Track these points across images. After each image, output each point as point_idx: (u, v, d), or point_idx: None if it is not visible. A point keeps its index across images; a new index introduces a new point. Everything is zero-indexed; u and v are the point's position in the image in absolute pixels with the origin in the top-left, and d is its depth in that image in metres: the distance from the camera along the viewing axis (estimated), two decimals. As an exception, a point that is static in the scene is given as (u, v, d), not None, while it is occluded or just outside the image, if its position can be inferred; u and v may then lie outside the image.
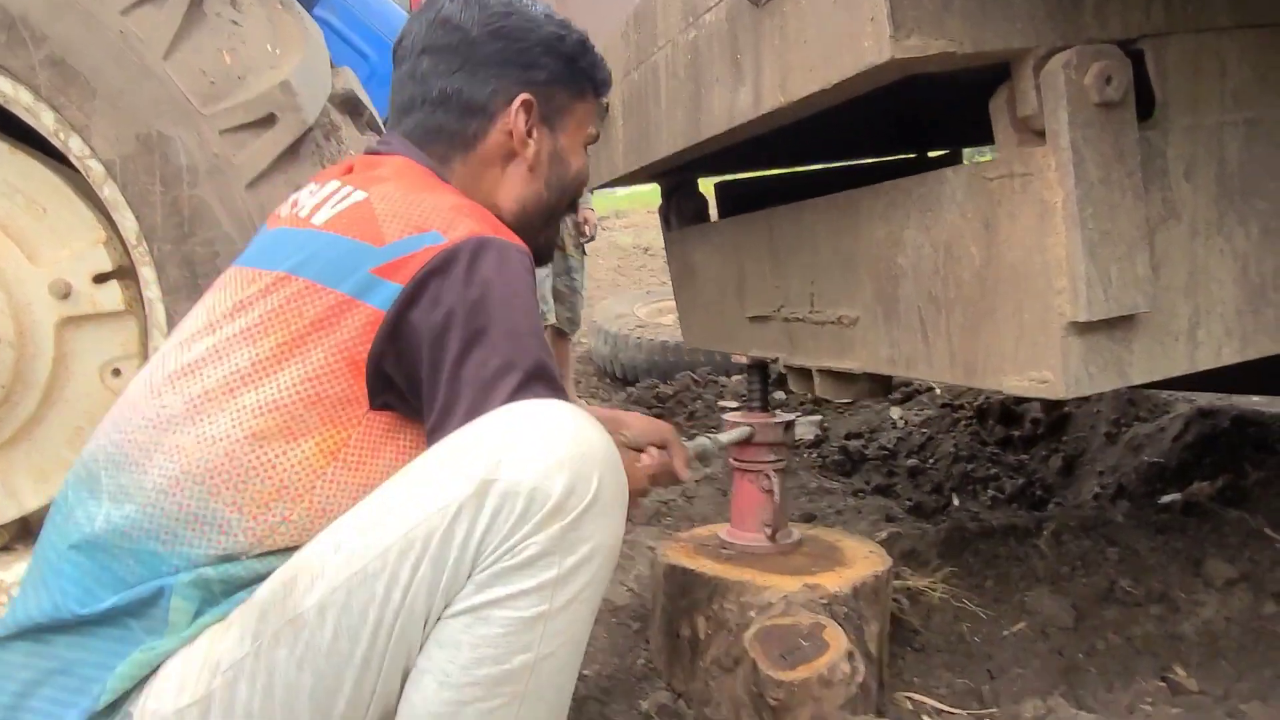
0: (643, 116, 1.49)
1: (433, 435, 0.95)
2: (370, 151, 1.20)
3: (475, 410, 0.93)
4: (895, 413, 3.03)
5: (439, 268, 0.95)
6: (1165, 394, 2.76)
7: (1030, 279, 0.95)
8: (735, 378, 4.18)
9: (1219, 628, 1.71)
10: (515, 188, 1.20)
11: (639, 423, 1.46)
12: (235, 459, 0.93)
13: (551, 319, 4.37)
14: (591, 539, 0.89)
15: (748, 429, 1.75)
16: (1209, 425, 2.30)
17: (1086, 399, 2.67)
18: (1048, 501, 2.44)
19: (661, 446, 1.46)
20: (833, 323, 1.34)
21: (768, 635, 1.39)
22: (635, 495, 1.41)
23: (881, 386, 1.42)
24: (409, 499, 0.89)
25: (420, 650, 0.90)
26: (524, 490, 0.87)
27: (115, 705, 0.90)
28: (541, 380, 0.98)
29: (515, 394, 0.94)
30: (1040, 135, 0.92)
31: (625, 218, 16.98)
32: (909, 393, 3.21)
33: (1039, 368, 0.95)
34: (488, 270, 0.96)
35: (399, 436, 0.99)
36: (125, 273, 1.57)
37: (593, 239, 4.66)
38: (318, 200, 1.07)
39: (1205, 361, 0.98)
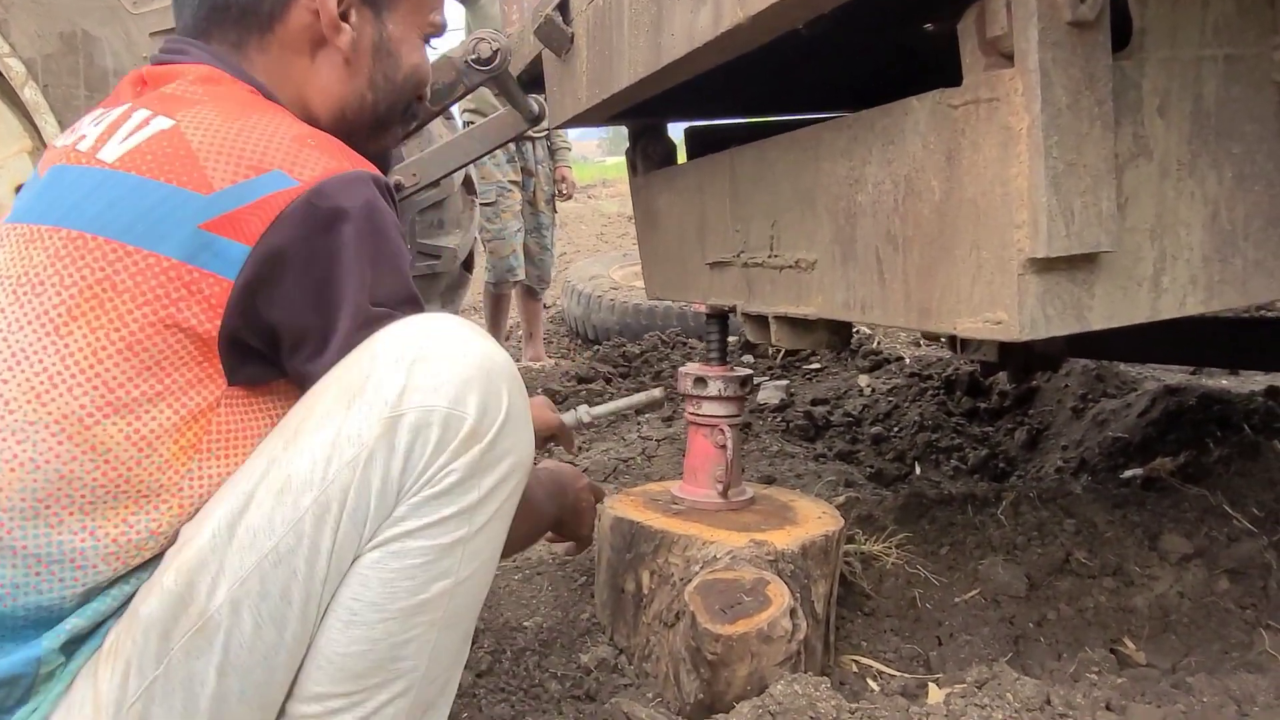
0: (605, 45, 1.42)
1: (306, 377, 0.85)
2: (157, 61, 0.95)
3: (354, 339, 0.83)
4: (863, 381, 3.00)
5: (293, 219, 0.80)
6: (1134, 371, 2.74)
7: (990, 213, 0.89)
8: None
9: (1171, 602, 1.69)
10: (330, 86, 0.99)
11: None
12: (73, 479, 0.78)
13: (521, 276, 4.29)
14: (509, 455, 0.84)
15: (627, 401, 1.72)
16: (1175, 402, 2.28)
17: (1055, 373, 2.64)
18: (1010, 474, 2.42)
19: (552, 439, 1.46)
20: (791, 266, 1.28)
21: (709, 588, 1.35)
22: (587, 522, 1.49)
23: (840, 337, 1.36)
24: (306, 457, 0.79)
25: None
26: (437, 418, 0.80)
27: None
28: (411, 304, 0.87)
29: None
30: (1009, 59, 0.86)
31: (611, 186, 16.90)
32: (877, 361, 3.18)
33: (994, 309, 0.90)
34: (353, 218, 0.82)
35: (266, 405, 0.87)
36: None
37: (570, 198, 4.57)
38: (103, 128, 0.86)
39: (1168, 310, 0.93)
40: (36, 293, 0.80)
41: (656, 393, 1.64)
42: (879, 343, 3.66)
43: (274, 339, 0.84)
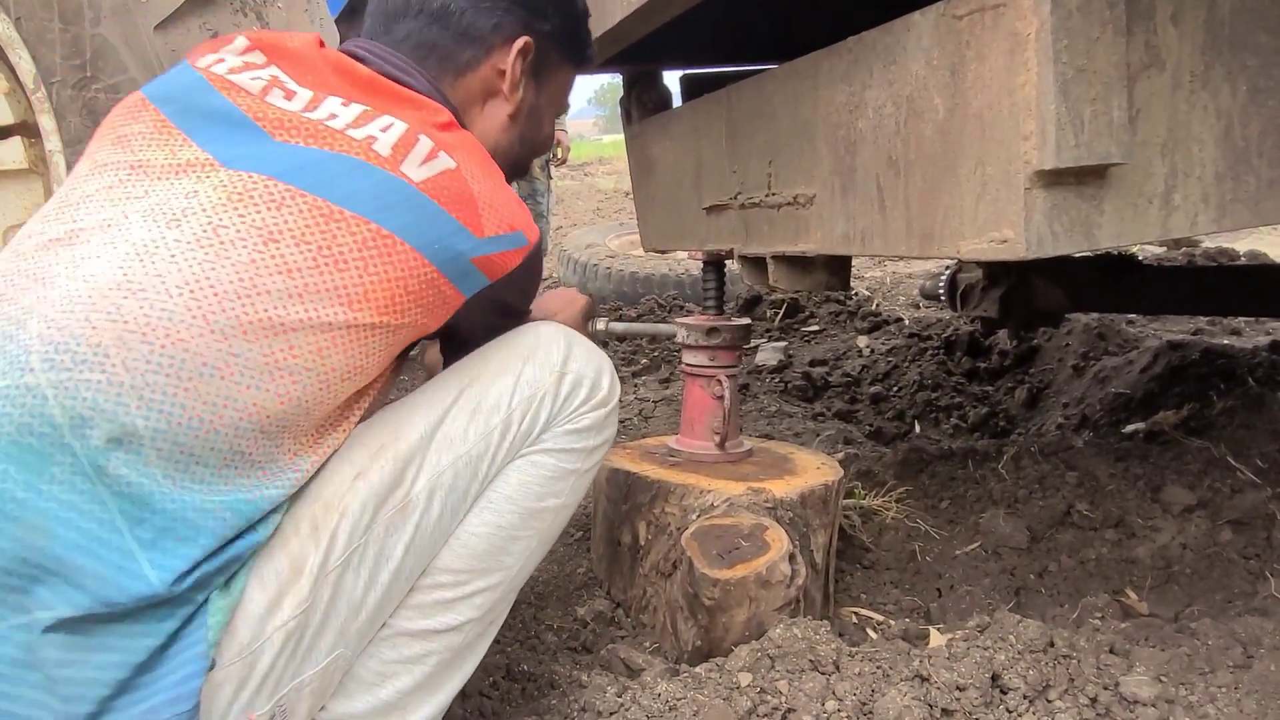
0: (598, -21, 1.37)
1: (455, 348, 1.08)
2: (349, 53, 1.09)
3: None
4: (861, 342, 2.97)
5: (519, 269, 1.02)
6: (1135, 329, 2.71)
7: (996, 126, 0.86)
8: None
9: (1173, 553, 1.67)
10: (492, 132, 1.18)
11: (560, 295, 1.54)
12: (310, 415, 0.90)
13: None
14: (612, 425, 1.12)
15: (645, 327, 1.73)
16: (1178, 357, 2.25)
17: (1055, 331, 2.61)
18: (1011, 431, 2.40)
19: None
20: (789, 203, 1.25)
21: (706, 534, 1.33)
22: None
23: (839, 277, 1.33)
24: (497, 390, 1.02)
25: None
26: (587, 380, 1.08)
27: None
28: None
29: None
30: (1016, -37, 0.82)
31: (608, 164, 16.80)
32: (876, 322, 3.14)
33: (1000, 227, 0.87)
34: (537, 264, 1.07)
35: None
36: (31, 130, 1.43)
37: (564, 161, 4.52)
38: (394, 138, 0.96)
39: (1179, 229, 0.90)
40: (339, 268, 0.90)
41: (674, 328, 1.64)
42: (878, 304, 3.62)
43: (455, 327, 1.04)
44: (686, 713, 1.04)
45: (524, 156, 1.25)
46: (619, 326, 1.71)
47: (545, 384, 1.05)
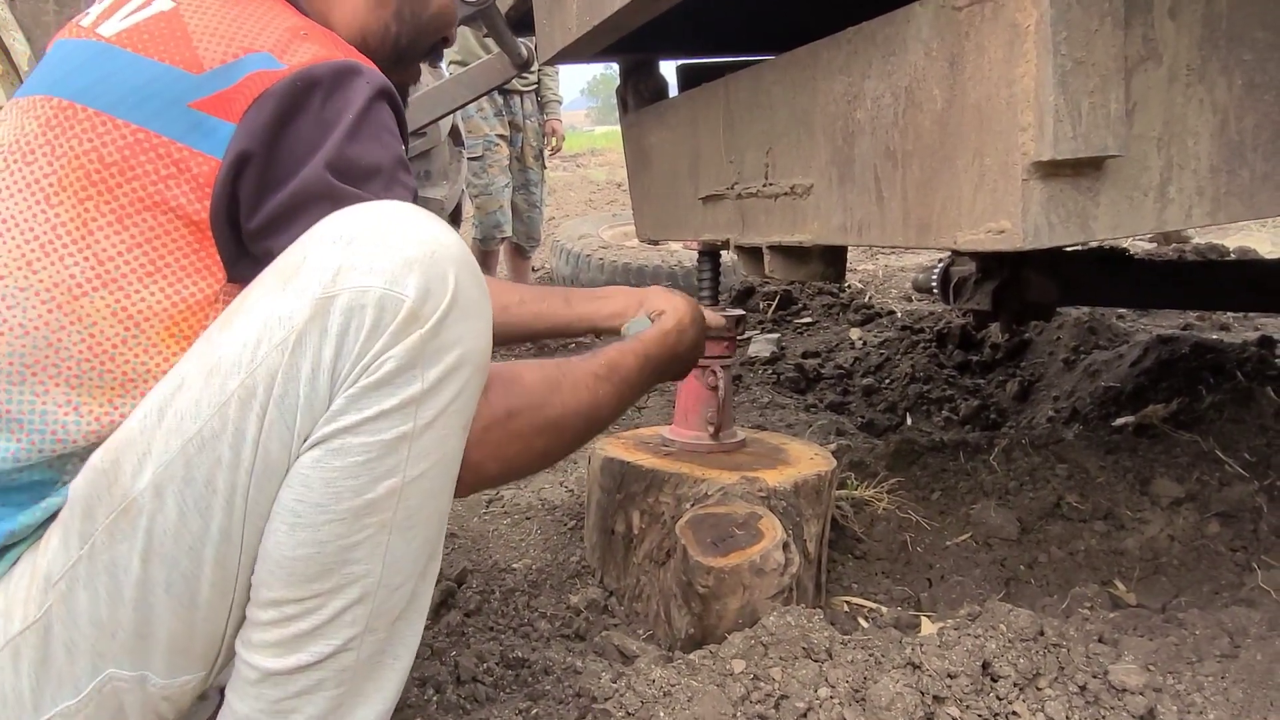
0: (596, -33, 1.37)
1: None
2: None
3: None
4: (854, 334, 2.98)
5: (273, 97, 0.78)
6: (1126, 324, 2.72)
7: (994, 118, 0.86)
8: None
9: (1162, 545, 1.69)
10: (356, 9, 0.99)
11: (660, 291, 1.33)
12: (60, 349, 0.77)
13: (508, 233, 4.24)
14: (457, 345, 0.77)
15: (739, 311, 1.70)
16: (1168, 351, 2.27)
17: (1046, 325, 2.62)
18: (1002, 424, 2.41)
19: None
20: (786, 193, 1.25)
21: (700, 522, 1.33)
22: (698, 338, 1.32)
23: (835, 268, 1.34)
24: (237, 339, 0.75)
25: None
26: (371, 299, 0.74)
27: None
28: (390, 182, 0.84)
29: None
30: (1016, -46, 0.82)
31: (600, 155, 16.76)
32: (869, 315, 3.16)
33: (997, 218, 0.87)
34: (340, 102, 0.80)
35: None
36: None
37: (558, 150, 4.51)
38: (107, 5, 0.86)
39: (1174, 221, 0.91)
40: (27, 161, 0.79)
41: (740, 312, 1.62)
42: (871, 297, 3.64)
43: (258, 226, 0.81)
44: (681, 698, 1.04)
45: (411, 39, 1.05)
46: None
47: (299, 319, 0.73)
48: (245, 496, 0.76)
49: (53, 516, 0.79)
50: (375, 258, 0.74)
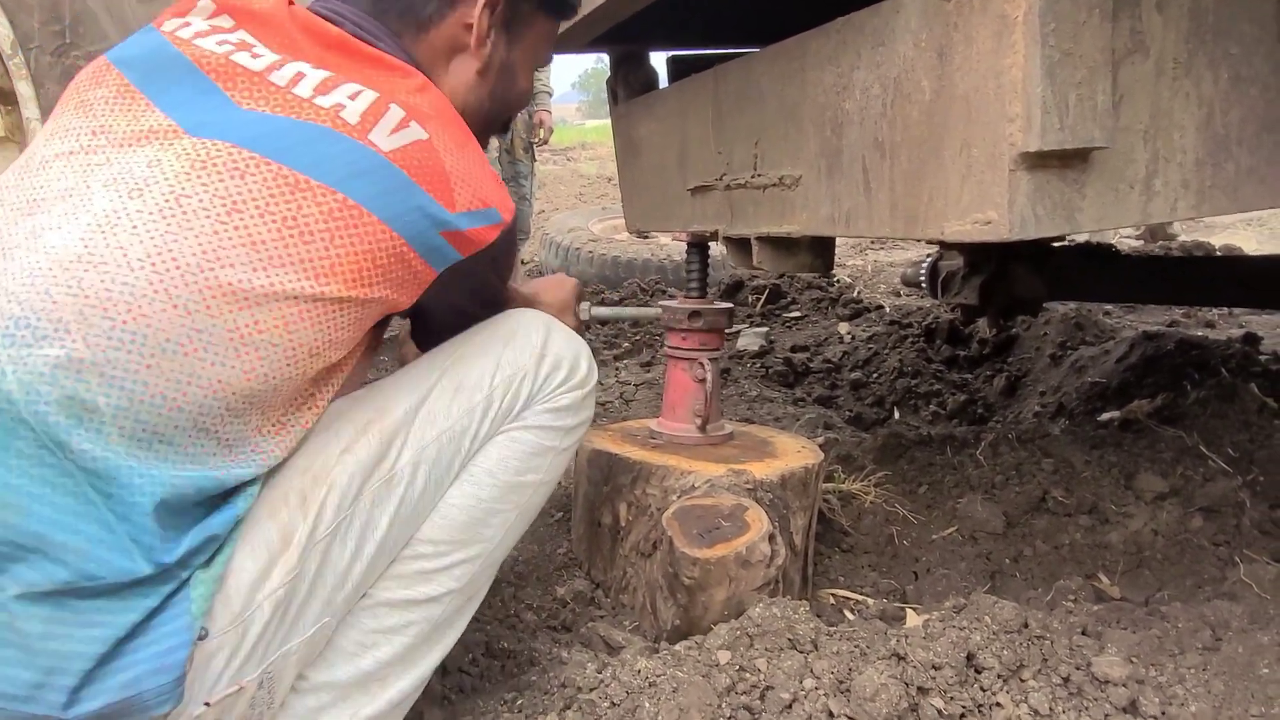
0: (585, -45, 1.36)
1: (426, 330, 1.12)
2: (318, 14, 1.05)
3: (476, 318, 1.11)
4: (843, 328, 2.98)
5: (493, 246, 1.00)
6: (1112, 320, 2.74)
7: (982, 109, 0.86)
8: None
9: (1145, 539, 1.70)
10: (460, 89, 1.13)
11: (549, 283, 1.53)
12: (280, 392, 0.90)
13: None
14: (589, 408, 1.15)
15: (629, 311, 1.72)
16: (1153, 348, 2.28)
17: (1034, 320, 2.63)
18: (989, 419, 2.42)
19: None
20: (774, 185, 1.25)
21: (686, 514, 1.33)
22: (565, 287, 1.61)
23: (823, 259, 1.34)
24: (475, 370, 1.05)
25: None
26: (566, 362, 1.10)
27: None
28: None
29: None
30: (1005, -55, 0.82)
31: (590, 149, 16.73)
32: (857, 309, 3.16)
33: (984, 208, 0.87)
34: (511, 243, 1.07)
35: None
36: (8, 97, 1.40)
37: (545, 142, 4.49)
38: (315, 84, 0.93)
39: (1159, 214, 0.91)
40: (304, 240, 0.88)
41: (657, 310, 1.63)
42: (859, 291, 3.64)
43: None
44: (666, 689, 1.04)
45: (496, 114, 1.21)
46: (603, 311, 1.70)
47: (525, 364, 1.07)
48: (458, 477, 1.05)
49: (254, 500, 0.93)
50: (566, 341, 1.12)
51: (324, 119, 0.91)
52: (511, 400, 1.06)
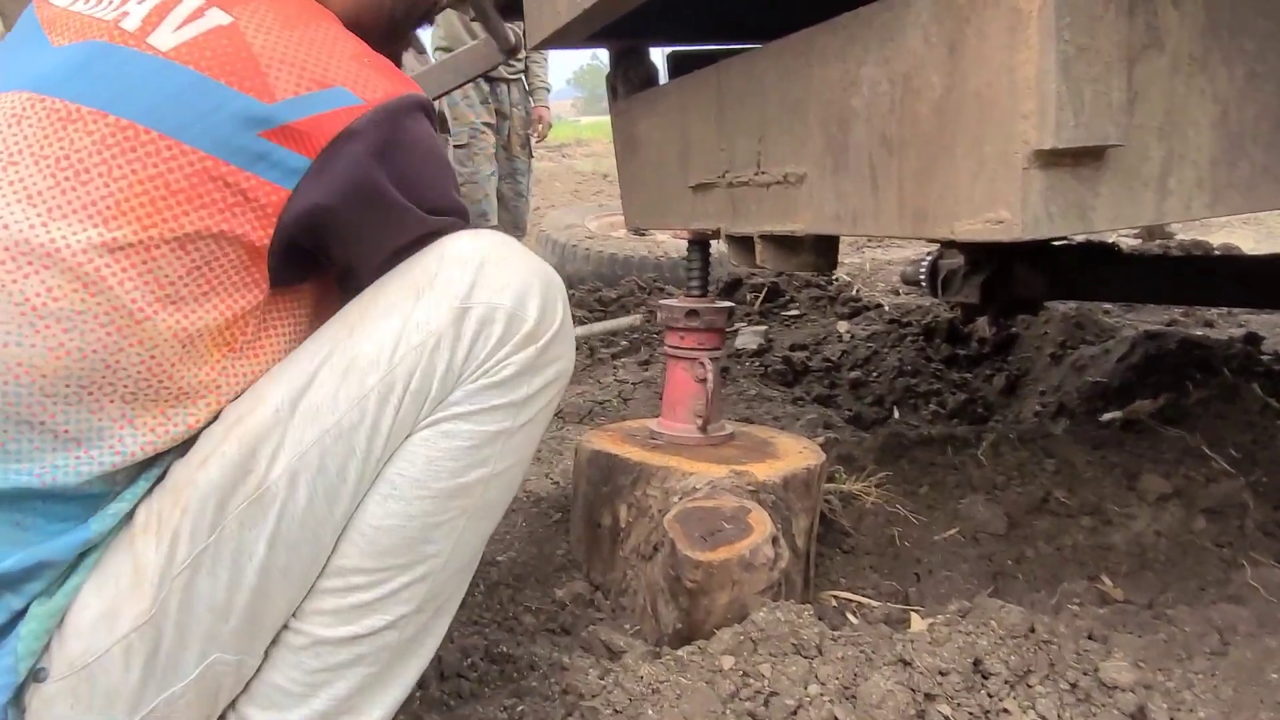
0: (586, -52, 1.34)
1: (345, 280, 0.88)
2: None
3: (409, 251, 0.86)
4: (841, 327, 2.97)
5: (357, 137, 0.80)
6: (1112, 319, 2.72)
7: (995, 105, 0.85)
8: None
9: (1148, 540, 1.68)
10: None
11: None
12: (118, 369, 0.77)
13: (494, 222, 4.20)
14: (557, 361, 0.89)
15: (606, 325, 1.67)
16: (1155, 347, 2.27)
17: (1034, 319, 2.62)
18: (989, 418, 2.41)
19: None
20: (778, 182, 1.23)
21: (689, 516, 1.32)
22: None
23: (827, 258, 1.32)
24: (372, 341, 0.82)
25: None
26: (501, 315, 0.84)
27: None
28: (461, 216, 0.91)
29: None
30: (1019, -62, 0.80)
31: (586, 146, 16.69)
32: (856, 308, 3.15)
33: (996, 207, 0.86)
34: (413, 137, 0.85)
35: (291, 305, 0.88)
36: None
37: (544, 138, 4.47)
38: (148, 8, 0.81)
39: (1173, 214, 0.89)
40: (81, 180, 0.76)
41: (635, 318, 1.59)
42: (858, 290, 3.63)
43: (326, 245, 0.85)
44: (670, 695, 1.03)
45: (405, 9, 1.05)
46: (581, 330, 1.64)
47: (439, 325, 0.82)
48: (369, 485, 0.83)
49: (122, 521, 0.81)
50: (503, 280, 0.84)
51: (101, 34, 0.80)
52: (423, 380, 0.82)
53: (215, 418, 0.83)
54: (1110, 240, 2.60)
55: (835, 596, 1.59)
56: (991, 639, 1.15)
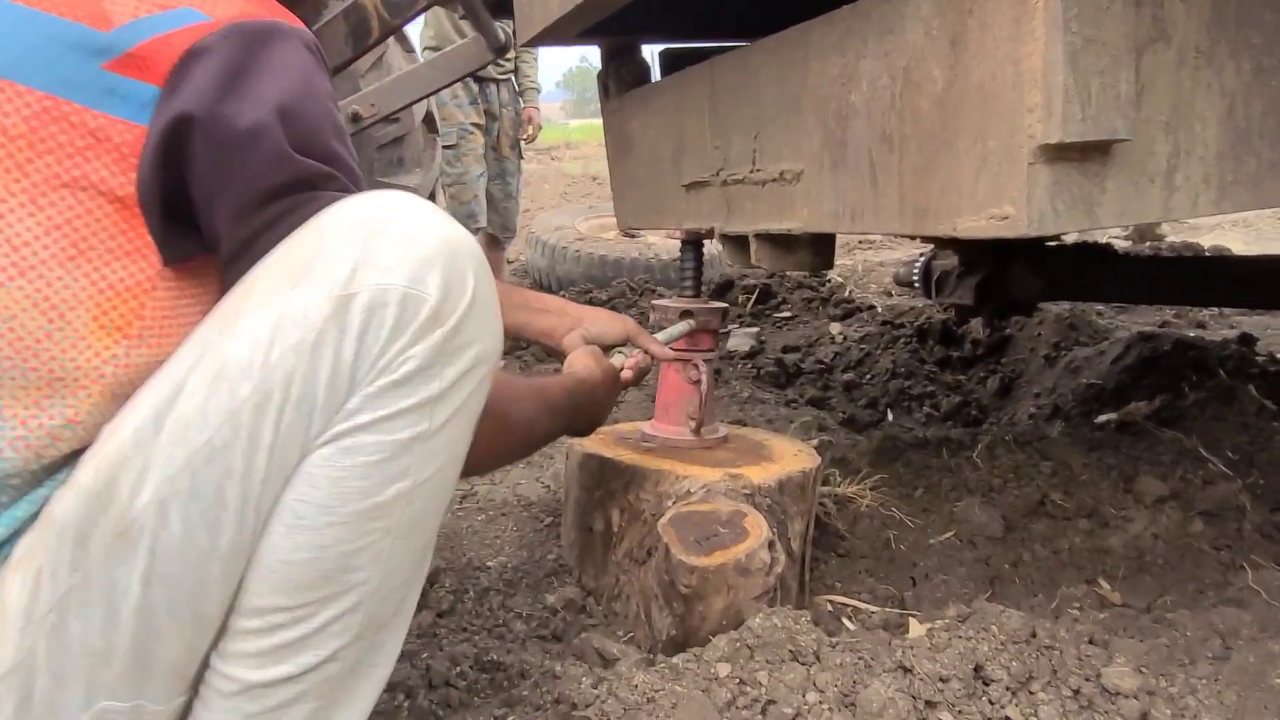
0: (578, -58, 1.32)
1: (235, 264, 0.75)
2: None
3: (291, 226, 0.73)
4: (834, 329, 2.95)
5: (204, 57, 0.71)
6: (1106, 320, 2.72)
7: (999, 98, 0.83)
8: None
9: (1146, 543, 1.67)
10: None
11: (600, 316, 1.33)
12: None
13: (483, 223, 4.17)
14: (474, 344, 0.75)
15: (688, 324, 1.60)
16: (1150, 348, 2.26)
17: (1028, 320, 2.61)
18: (983, 420, 2.39)
19: (624, 341, 1.35)
20: (774, 180, 1.21)
21: (683, 520, 1.29)
22: (607, 404, 1.30)
23: (823, 257, 1.30)
24: (245, 341, 0.70)
25: None
26: (394, 298, 0.71)
27: None
28: (338, 161, 0.78)
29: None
30: (1023, -73, 0.78)
31: (576, 149, 16.68)
32: (849, 310, 3.13)
33: (1000, 203, 0.83)
34: (278, 64, 0.74)
35: (203, 290, 0.78)
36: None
37: (533, 139, 4.44)
38: None
39: (1180, 210, 0.87)
40: None
41: (690, 323, 1.54)
42: (851, 291, 3.61)
43: (189, 196, 0.75)
44: (665, 704, 1.00)
45: None
46: (663, 334, 1.55)
47: (318, 318, 0.70)
48: (257, 507, 0.72)
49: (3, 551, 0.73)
50: (395, 255, 0.71)
51: None
52: (306, 386, 0.70)
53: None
54: (1104, 241, 2.59)
55: (831, 601, 1.57)
56: (992, 644, 1.13)
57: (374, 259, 0.71)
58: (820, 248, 1.29)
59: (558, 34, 1.61)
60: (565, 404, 1.13)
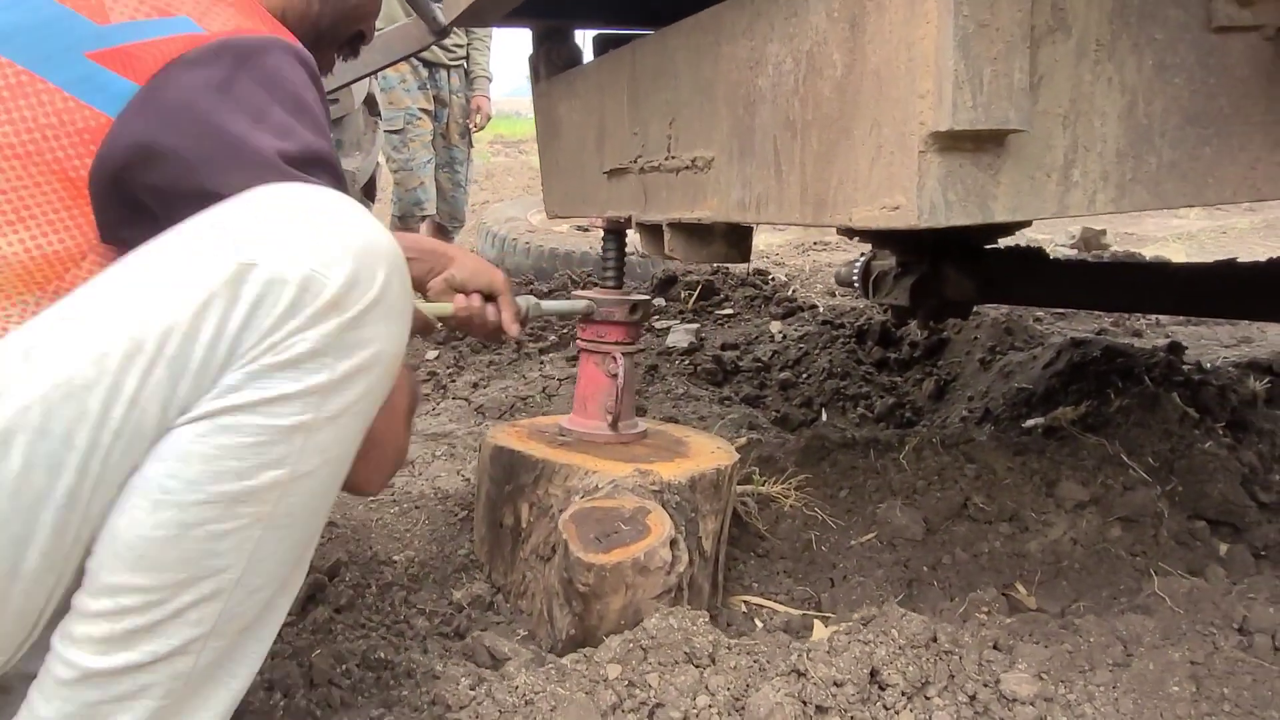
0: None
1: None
2: None
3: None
4: (774, 327, 2.93)
5: (194, 65, 0.75)
6: (1042, 326, 2.73)
7: (892, 84, 0.80)
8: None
9: (1064, 548, 1.67)
10: None
11: (470, 262, 1.27)
12: None
13: (429, 210, 4.09)
14: (373, 343, 0.74)
15: (584, 303, 1.56)
16: (1080, 354, 2.27)
17: (964, 323, 2.61)
18: (917, 422, 2.38)
19: (489, 295, 1.29)
20: (687, 167, 1.17)
21: (584, 517, 1.25)
22: (427, 328, 1.26)
23: (738, 249, 1.27)
24: (136, 288, 0.70)
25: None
26: (295, 276, 0.70)
27: None
28: (327, 170, 0.81)
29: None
30: (921, -94, 0.75)
31: (541, 141, 16.51)
32: (790, 308, 3.11)
33: (893, 193, 0.81)
34: (268, 74, 0.78)
35: None
36: None
37: (482, 128, 4.37)
38: None
39: (1076, 207, 0.85)
40: None
41: (589, 304, 1.51)
42: (794, 290, 3.60)
43: (161, 194, 0.78)
44: (544, 707, 0.96)
45: (331, 21, 1.01)
46: (550, 305, 1.52)
47: (213, 281, 0.69)
48: (104, 459, 0.69)
49: None
50: (309, 238, 0.71)
51: None
52: (184, 344, 0.69)
53: None
54: (1041, 244, 2.60)
55: (746, 602, 1.54)
56: (891, 648, 1.10)
57: (290, 239, 0.71)
58: (736, 239, 1.26)
59: (483, 13, 1.57)
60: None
